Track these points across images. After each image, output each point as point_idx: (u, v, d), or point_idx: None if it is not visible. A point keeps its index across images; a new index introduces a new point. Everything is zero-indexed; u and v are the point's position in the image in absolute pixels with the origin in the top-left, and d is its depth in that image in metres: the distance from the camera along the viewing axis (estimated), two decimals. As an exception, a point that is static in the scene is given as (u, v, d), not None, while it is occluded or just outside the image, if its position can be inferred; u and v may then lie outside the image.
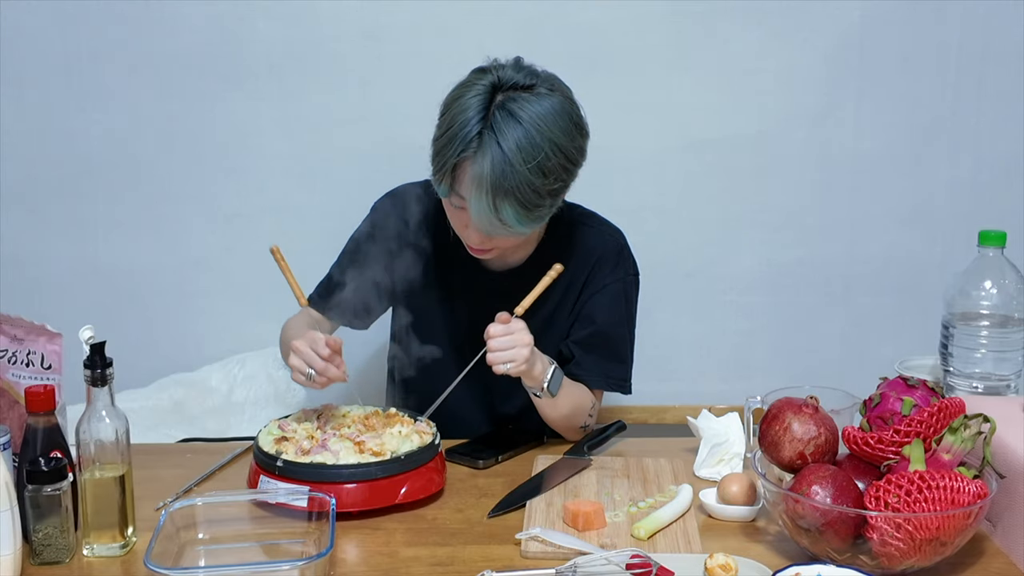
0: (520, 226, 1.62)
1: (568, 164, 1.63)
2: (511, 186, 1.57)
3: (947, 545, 1.27)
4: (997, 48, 2.29)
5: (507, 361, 1.60)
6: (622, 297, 1.84)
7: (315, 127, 2.29)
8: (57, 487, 1.33)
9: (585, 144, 1.67)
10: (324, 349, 1.58)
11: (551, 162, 1.59)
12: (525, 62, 1.67)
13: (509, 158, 1.56)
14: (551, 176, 1.60)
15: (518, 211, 1.59)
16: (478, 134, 1.58)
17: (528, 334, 1.62)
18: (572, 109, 1.65)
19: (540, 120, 1.58)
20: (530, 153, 1.57)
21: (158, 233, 2.32)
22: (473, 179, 1.58)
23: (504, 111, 1.58)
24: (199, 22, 2.23)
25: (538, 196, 1.60)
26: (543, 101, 1.60)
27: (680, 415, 1.88)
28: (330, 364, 1.59)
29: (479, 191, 1.58)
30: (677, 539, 1.42)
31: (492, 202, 1.58)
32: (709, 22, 2.27)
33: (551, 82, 1.65)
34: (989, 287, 1.62)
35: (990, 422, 1.32)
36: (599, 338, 1.82)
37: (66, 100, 2.25)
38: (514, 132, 1.57)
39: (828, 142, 2.34)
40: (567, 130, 1.62)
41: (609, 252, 1.84)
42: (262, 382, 2.22)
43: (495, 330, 1.61)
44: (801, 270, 2.38)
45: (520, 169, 1.56)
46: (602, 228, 1.87)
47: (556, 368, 1.69)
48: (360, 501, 1.48)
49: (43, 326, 1.41)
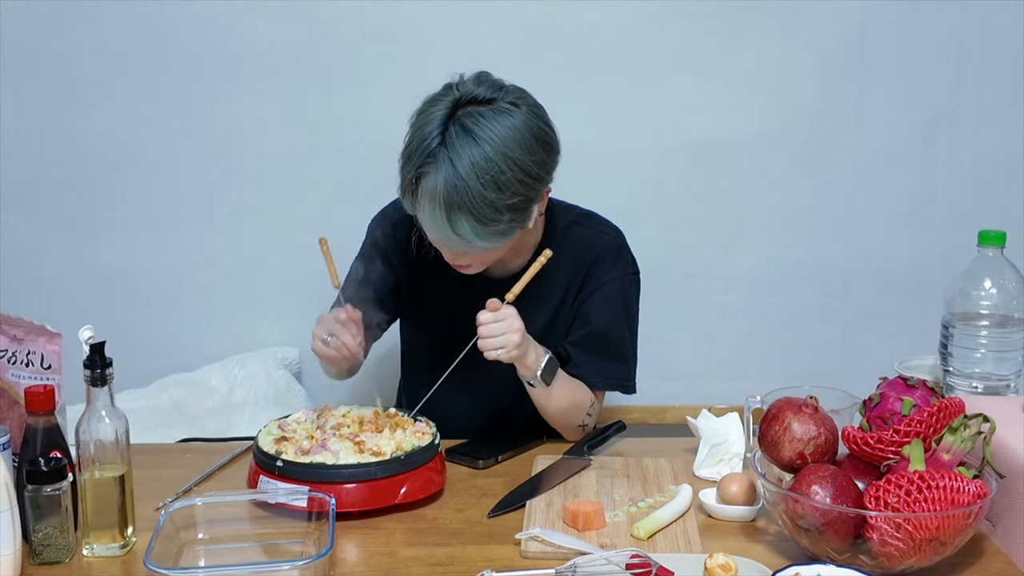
0: (479, 240, 1.61)
1: (527, 179, 1.61)
2: (464, 201, 1.56)
3: (947, 545, 1.27)
4: (997, 48, 2.29)
5: (498, 347, 1.61)
6: (620, 296, 1.84)
7: (315, 127, 2.29)
8: (57, 487, 1.33)
9: (551, 159, 1.66)
10: (342, 315, 1.67)
11: (506, 176, 1.57)
12: (492, 77, 1.65)
13: (461, 173, 1.56)
14: (507, 191, 1.58)
15: (474, 226, 1.59)
16: (434, 150, 1.58)
17: (519, 320, 1.62)
18: (535, 124, 1.62)
19: (495, 135, 1.57)
20: (483, 168, 1.56)
21: (158, 233, 2.32)
22: (427, 194, 1.59)
23: (459, 126, 1.58)
24: (199, 22, 2.23)
25: (494, 211, 1.58)
26: (501, 116, 1.59)
27: (680, 415, 1.88)
28: (346, 330, 1.66)
29: (432, 206, 1.58)
30: (677, 539, 1.42)
31: (446, 217, 1.58)
32: (709, 22, 2.27)
33: (516, 96, 1.64)
34: (989, 287, 1.62)
35: (990, 422, 1.32)
36: (597, 338, 1.82)
37: (66, 100, 2.25)
38: (468, 148, 1.56)
39: (828, 142, 2.34)
40: (526, 145, 1.60)
41: (606, 251, 1.83)
42: (262, 382, 2.22)
43: (485, 316, 1.62)
44: (801, 270, 2.39)
45: (473, 184, 1.56)
46: (600, 228, 1.86)
47: (550, 357, 1.69)
48: (360, 501, 1.48)
49: (43, 326, 1.41)
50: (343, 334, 1.67)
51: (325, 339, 1.68)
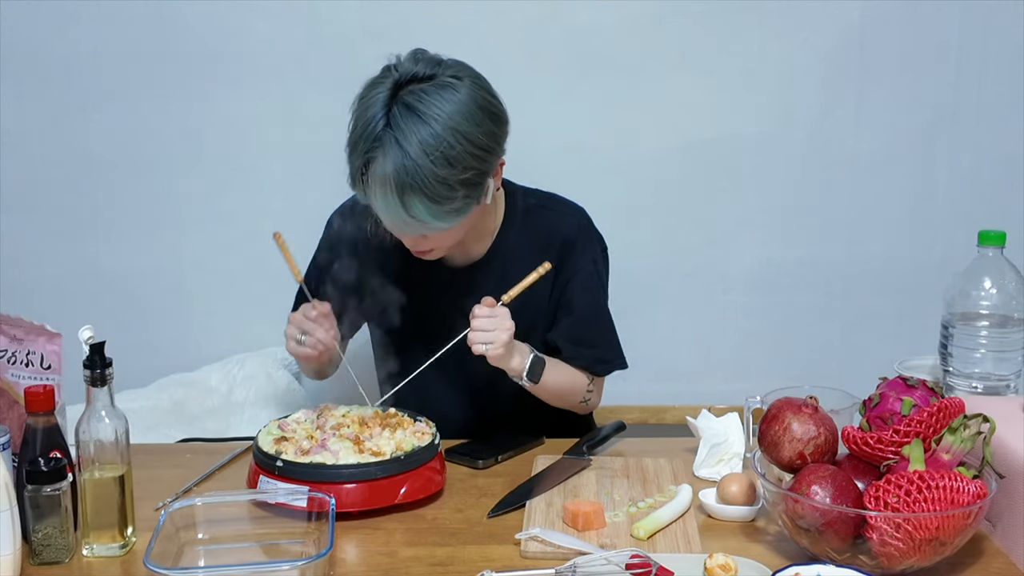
0: (435, 221, 1.59)
1: (478, 151, 1.58)
2: (416, 181, 1.54)
3: (947, 545, 1.27)
4: (997, 48, 2.29)
5: (487, 342, 1.60)
6: (596, 277, 1.83)
7: (315, 127, 2.28)
8: (57, 487, 1.33)
9: (500, 130, 1.63)
10: (311, 311, 1.65)
11: (455, 151, 1.55)
12: (428, 53, 1.63)
13: (410, 153, 1.53)
14: (459, 166, 1.56)
15: (428, 206, 1.56)
16: (380, 133, 1.55)
17: (510, 321, 1.62)
18: (480, 95, 1.59)
19: (440, 110, 1.55)
20: (432, 145, 1.53)
21: (158, 233, 2.32)
22: (377, 179, 1.56)
23: (403, 105, 1.55)
24: (199, 22, 2.23)
25: (448, 188, 1.56)
26: (444, 92, 1.56)
27: (680, 415, 1.88)
28: (319, 326, 1.64)
29: (385, 190, 1.56)
30: (677, 539, 1.42)
31: (400, 200, 1.55)
32: (709, 22, 2.27)
33: (456, 69, 1.60)
34: (989, 287, 1.62)
35: (990, 422, 1.32)
36: (584, 326, 1.81)
37: (66, 100, 2.25)
38: (414, 126, 1.54)
39: (828, 142, 2.34)
40: (473, 117, 1.57)
41: (574, 233, 1.81)
42: (262, 382, 2.22)
43: (480, 311, 1.62)
44: (801, 270, 2.38)
45: (423, 163, 1.53)
46: (563, 209, 1.84)
47: (535, 356, 1.69)
48: (359, 501, 1.48)
49: (43, 326, 1.41)
50: (316, 330, 1.66)
51: (299, 339, 1.66)
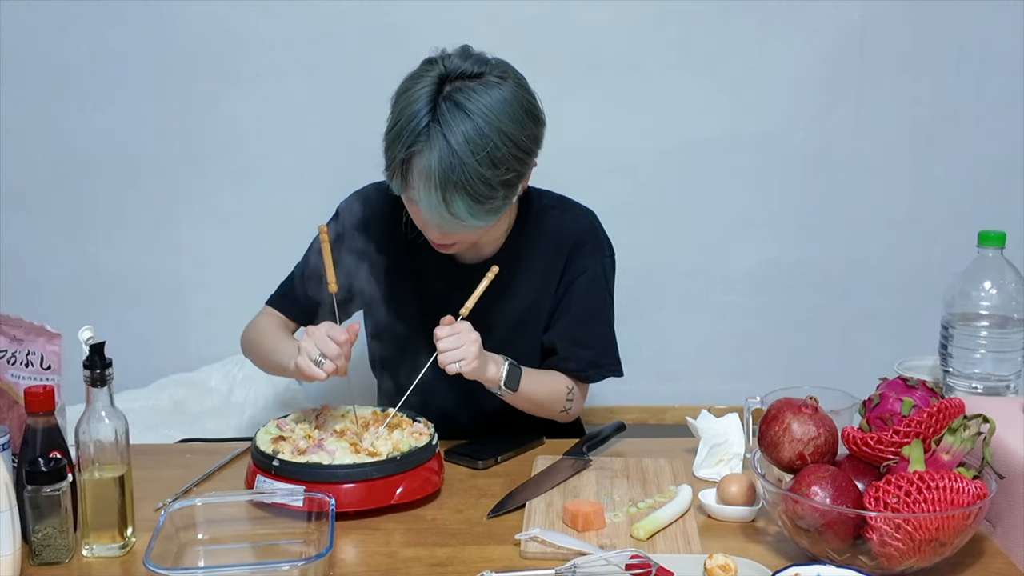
0: (473, 219, 1.59)
1: (520, 153, 1.59)
2: (460, 179, 1.54)
3: (946, 545, 1.27)
4: (997, 48, 2.29)
5: (457, 359, 1.58)
6: (602, 280, 1.83)
7: (315, 127, 2.29)
8: (56, 487, 1.33)
9: (539, 132, 1.64)
10: (340, 335, 1.56)
11: (501, 152, 1.56)
12: (474, 50, 1.63)
13: (457, 151, 1.53)
14: (502, 167, 1.57)
15: (469, 205, 1.57)
16: (425, 127, 1.55)
17: (474, 332, 1.60)
18: (524, 96, 1.60)
19: (488, 110, 1.55)
20: (479, 144, 1.54)
21: (158, 233, 2.32)
22: (421, 174, 1.56)
23: (451, 102, 1.55)
24: (199, 22, 2.23)
25: (489, 188, 1.56)
26: (492, 90, 1.57)
27: (680, 415, 1.89)
28: (342, 352, 1.56)
29: (428, 186, 1.55)
30: (677, 539, 1.42)
31: (442, 196, 1.55)
32: (709, 22, 2.27)
33: (501, 69, 1.61)
34: (989, 287, 1.62)
35: (989, 422, 1.32)
36: (582, 328, 1.81)
37: (66, 100, 2.25)
38: (461, 124, 1.54)
39: (828, 142, 2.34)
40: (518, 119, 1.58)
41: (584, 235, 1.81)
42: (261, 382, 2.22)
43: (441, 332, 1.59)
44: (801, 270, 2.38)
45: (469, 161, 1.53)
46: (574, 211, 1.85)
47: (510, 365, 1.67)
48: (356, 501, 1.48)
49: (43, 326, 1.41)
50: (339, 358, 1.56)
51: (318, 360, 1.55)
